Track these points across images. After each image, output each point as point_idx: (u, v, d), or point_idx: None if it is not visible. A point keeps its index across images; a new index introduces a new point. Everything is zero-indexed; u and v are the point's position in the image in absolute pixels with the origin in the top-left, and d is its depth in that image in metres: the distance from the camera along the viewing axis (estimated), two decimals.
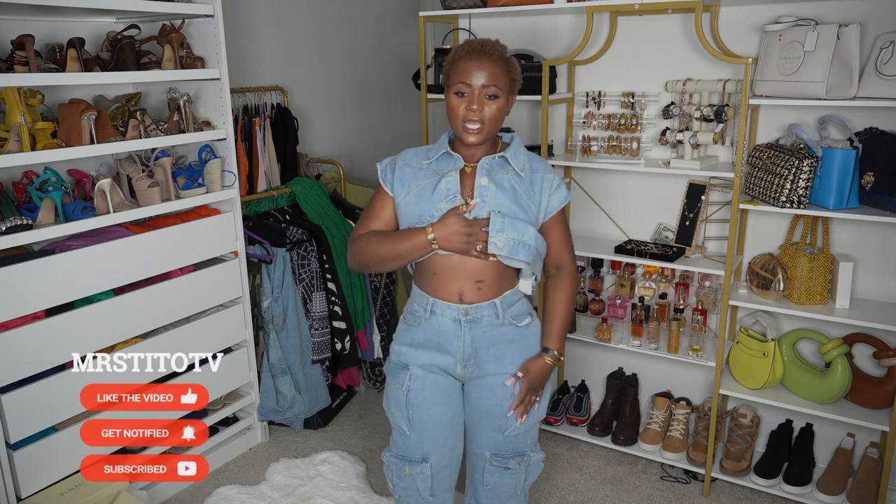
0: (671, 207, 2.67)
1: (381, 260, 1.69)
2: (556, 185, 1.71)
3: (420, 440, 1.74)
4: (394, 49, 4.23)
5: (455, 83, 1.62)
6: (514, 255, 1.64)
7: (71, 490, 2.11)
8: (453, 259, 1.66)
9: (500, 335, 1.71)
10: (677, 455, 2.65)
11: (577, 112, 2.71)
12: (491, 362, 1.72)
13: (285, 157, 3.26)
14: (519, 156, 1.70)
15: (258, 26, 3.32)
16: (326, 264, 2.98)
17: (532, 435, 1.80)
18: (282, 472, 2.66)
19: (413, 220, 1.68)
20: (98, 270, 2.21)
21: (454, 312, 1.69)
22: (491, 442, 1.76)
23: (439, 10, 2.74)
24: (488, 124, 1.62)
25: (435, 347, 1.72)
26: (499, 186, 1.65)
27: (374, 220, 1.74)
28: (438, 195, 1.66)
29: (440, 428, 1.75)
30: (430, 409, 1.73)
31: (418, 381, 1.72)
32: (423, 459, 1.75)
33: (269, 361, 2.83)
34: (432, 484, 1.77)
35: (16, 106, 2.02)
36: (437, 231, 1.62)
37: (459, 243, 1.62)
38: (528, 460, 1.79)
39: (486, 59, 1.60)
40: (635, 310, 2.64)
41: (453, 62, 1.64)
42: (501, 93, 1.62)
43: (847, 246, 2.39)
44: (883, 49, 2.08)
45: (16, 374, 2.05)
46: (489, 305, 1.69)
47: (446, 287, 1.69)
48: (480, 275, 1.67)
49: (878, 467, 2.33)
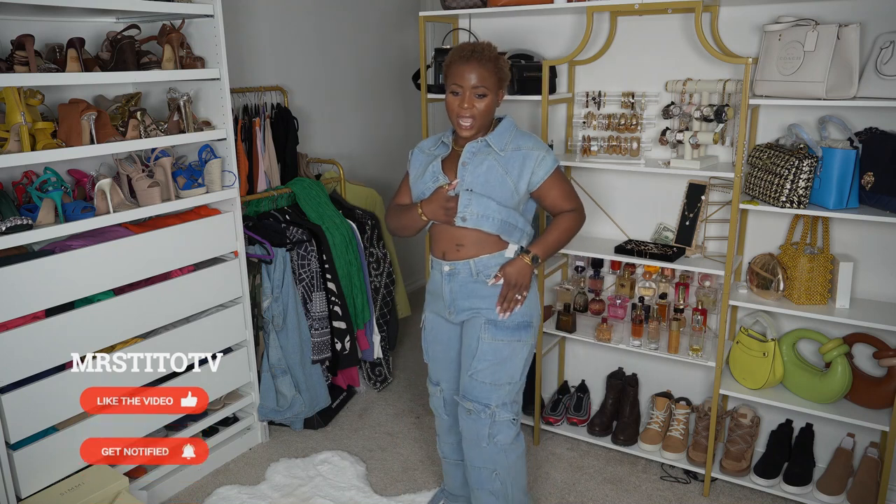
0: (671, 207, 2.67)
1: (398, 227, 2.14)
2: (540, 158, 1.98)
3: (434, 368, 2.24)
4: (394, 49, 4.23)
5: (450, 84, 1.94)
6: (478, 226, 1.97)
7: (71, 490, 2.11)
8: (442, 227, 2.04)
9: (475, 290, 2.04)
10: (677, 455, 2.65)
11: (577, 112, 2.71)
12: (466, 311, 2.07)
13: (285, 157, 3.26)
14: (502, 137, 1.99)
15: (258, 26, 3.32)
16: (326, 264, 2.98)
17: (501, 393, 2.05)
18: (282, 472, 2.66)
19: (415, 196, 2.09)
20: (98, 270, 2.21)
21: (440, 266, 2.08)
22: (462, 381, 2.11)
23: (439, 10, 2.74)
24: (479, 119, 1.94)
25: (434, 295, 2.14)
26: (476, 166, 1.97)
27: (400, 195, 2.18)
28: (428, 176, 2.04)
29: (444, 360, 2.20)
30: (437, 345, 2.20)
31: (429, 321, 2.20)
32: (437, 383, 2.25)
33: (269, 361, 2.83)
34: (444, 404, 2.25)
35: (16, 106, 2.02)
36: (424, 206, 2.02)
37: (441, 215, 1.99)
38: (491, 415, 2.05)
39: (475, 62, 1.90)
40: (635, 310, 2.64)
41: (449, 65, 1.95)
42: (490, 91, 1.92)
43: (847, 246, 2.39)
44: (883, 49, 2.08)
45: (16, 374, 2.04)
46: (464, 264, 2.03)
47: (437, 247, 2.08)
48: (460, 240, 2.01)
49: (878, 467, 2.33)
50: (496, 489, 2.14)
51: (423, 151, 2.11)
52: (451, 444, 2.30)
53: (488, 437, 2.06)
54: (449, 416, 2.25)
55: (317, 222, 3.03)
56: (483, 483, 2.13)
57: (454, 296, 2.06)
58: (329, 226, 3.04)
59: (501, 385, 2.05)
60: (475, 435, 2.08)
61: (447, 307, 2.09)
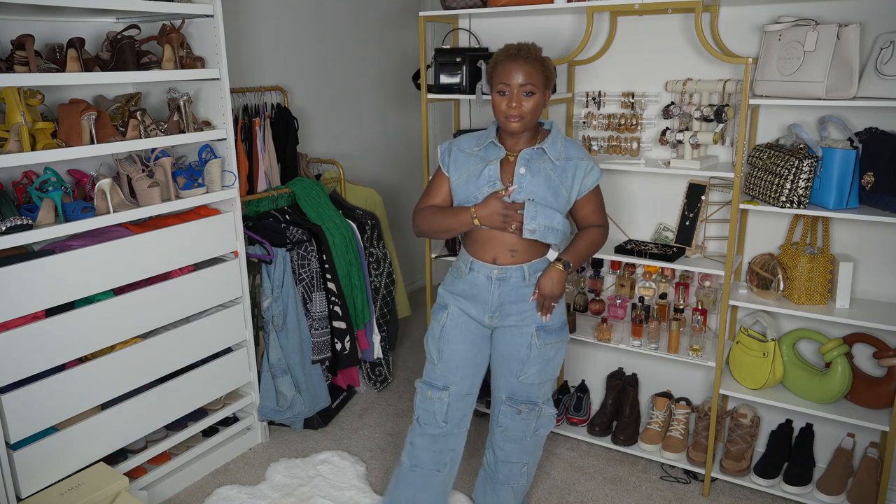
0: (671, 207, 2.67)
1: (436, 231, 2.07)
2: (588, 168, 2.00)
3: (445, 370, 2.10)
4: (394, 49, 4.23)
5: (497, 83, 1.92)
6: (544, 238, 1.96)
7: (71, 490, 2.11)
8: (493, 231, 1.99)
9: (525, 294, 2.02)
10: (677, 455, 2.65)
11: (577, 112, 2.71)
12: (514, 315, 2.04)
13: (285, 157, 3.26)
14: (555, 146, 1.98)
15: (258, 26, 3.32)
16: (326, 264, 2.98)
17: (545, 390, 2.11)
18: (282, 472, 2.66)
19: (462, 199, 2.03)
20: (98, 270, 2.21)
21: (488, 271, 2.02)
22: (507, 386, 2.09)
23: (439, 10, 2.74)
24: (528, 117, 1.91)
25: (470, 298, 2.06)
26: (535, 175, 1.95)
27: (435, 195, 2.09)
28: (482, 180, 1.98)
29: (463, 362, 2.09)
30: (458, 345, 2.08)
31: (453, 320, 2.08)
32: (444, 387, 2.10)
33: (269, 361, 2.83)
34: (447, 411, 2.10)
35: (16, 106, 2.02)
36: (479, 211, 1.96)
37: (497, 222, 1.95)
38: (539, 411, 2.10)
39: (522, 61, 1.88)
40: (635, 310, 2.64)
41: (495, 65, 1.93)
42: (537, 89, 1.90)
43: (847, 246, 2.39)
44: (883, 49, 2.08)
45: (16, 374, 2.04)
46: (517, 269, 2.01)
47: (485, 251, 2.02)
48: (514, 246, 2.00)
49: (878, 467, 2.33)
50: (520, 485, 2.20)
51: (463, 151, 2.05)
52: (437, 452, 2.14)
53: (533, 433, 2.12)
54: (447, 424, 2.11)
55: (317, 222, 3.03)
56: (511, 478, 2.18)
57: (503, 300, 2.03)
58: (329, 226, 3.04)
59: (546, 382, 2.11)
60: (521, 433, 2.11)
61: (490, 311, 2.05)
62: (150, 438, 2.52)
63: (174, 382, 2.51)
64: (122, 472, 2.37)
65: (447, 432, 2.13)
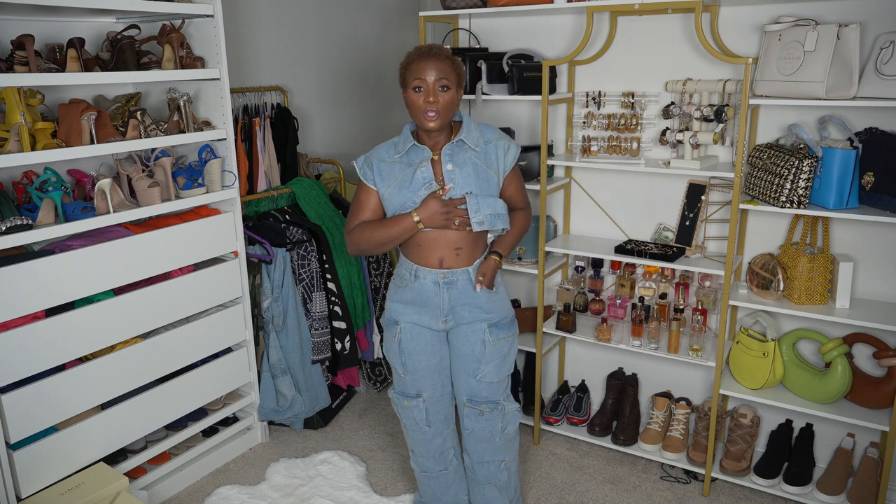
0: (671, 207, 2.67)
1: (378, 244, 2.01)
2: (506, 147, 2.04)
3: (414, 380, 2.13)
4: (394, 49, 4.23)
5: (412, 81, 1.94)
6: (492, 226, 1.97)
7: (71, 490, 2.11)
8: (435, 233, 1.99)
9: (475, 297, 2.04)
10: (677, 455, 2.65)
11: (577, 112, 2.71)
12: (466, 316, 2.05)
13: (285, 157, 3.26)
14: (472, 133, 2.01)
15: (258, 26, 3.32)
16: (326, 264, 2.98)
17: (503, 387, 2.13)
18: (282, 472, 2.66)
19: (398, 207, 2.00)
20: (98, 270, 2.21)
21: (434, 276, 2.02)
22: (467, 387, 2.11)
23: (439, 10, 2.74)
24: (444, 112, 1.93)
25: (420, 304, 2.06)
26: (462, 167, 1.98)
27: (364, 211, 2.06)
28: (417, 184, 1.98)
29: (428, 371, 2.12)
30: (419, 356, 2.10)
31: (407, 334, 2.08)
32: (417, 395, 2.14)
33: (269, 361, 2.83)
34: (427, 416, 2.16)
35: (16, 106, 2.02)
36: (420, 214, 1.95)
37: (440, 221, 1.95)
38: (501, 409, 2.12)
39: (435, 58, 1.92)
40: (635, 310, 2.64)
41: (408, 64, 1.96)
42: (452, 85, 1.94)
43: (847, 246, 2.39)
44: (883, 49, 2.07)
45: (16, 374, 2.04)
46: (463, 272, 2.03)
47: (430, 255, 2.02)
48: (458, 243, 2.00)
49: (878, 467, 2.33)
50: (502, 481, 2.19)
51: (384, 161, 2.03)
52: (434, 456, 2.22)
53: (501, 431, 2.13)
54: (431, 427, 2.17)
55: (317, 222, 3.03)
56: (491, 477, 2.18)
57: (454, 303, 2.04)
58: (329, 226, 3.04)
59: (503, 380, 2.13)
60: (488, 433, 2.12)
61: (443, 315, 2.05)
62: (150, 438, 2.52)
63: (174, 382, 2.51)
64: (122, 472, 2.37)
65: (436, 433, 2.19)
